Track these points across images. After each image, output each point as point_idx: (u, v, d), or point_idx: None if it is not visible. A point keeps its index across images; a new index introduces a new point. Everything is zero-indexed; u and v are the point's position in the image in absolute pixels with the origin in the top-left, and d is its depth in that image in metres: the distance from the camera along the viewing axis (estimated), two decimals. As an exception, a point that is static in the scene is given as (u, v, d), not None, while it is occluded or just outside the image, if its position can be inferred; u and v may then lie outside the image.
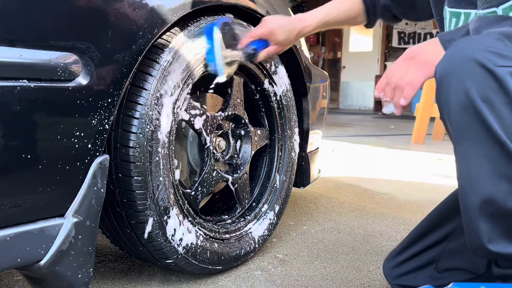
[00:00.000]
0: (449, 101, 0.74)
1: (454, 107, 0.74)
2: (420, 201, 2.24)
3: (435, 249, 1.09)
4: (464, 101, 0.72)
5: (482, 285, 0.78)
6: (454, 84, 0.73)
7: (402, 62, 0.87)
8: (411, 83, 0.84)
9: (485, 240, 0.75)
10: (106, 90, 0.90)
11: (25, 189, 0.81)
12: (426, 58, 0.82)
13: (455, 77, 0.73)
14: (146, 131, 1.03)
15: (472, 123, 0.72)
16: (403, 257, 1.12)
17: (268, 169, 1.51)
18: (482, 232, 0.75)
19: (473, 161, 0.74)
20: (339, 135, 5.42)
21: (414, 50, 0.87)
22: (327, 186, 2.54)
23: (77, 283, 0.91)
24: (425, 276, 1.09)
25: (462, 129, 0.74)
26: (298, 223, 1.82)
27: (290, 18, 1.26)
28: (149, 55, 1.05)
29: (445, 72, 0.75)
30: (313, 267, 1.37)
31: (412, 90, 0.85)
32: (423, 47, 0.86)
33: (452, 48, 0.76)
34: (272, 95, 1.46)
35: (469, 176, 0.75)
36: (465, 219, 0.78)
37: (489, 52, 0.71)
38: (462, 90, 0.72)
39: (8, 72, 0.76)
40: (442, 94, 0.76)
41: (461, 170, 0.77)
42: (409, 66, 0.86)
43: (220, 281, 1.26)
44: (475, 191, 0.74)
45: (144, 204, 1.05)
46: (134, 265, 1.35)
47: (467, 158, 0.75)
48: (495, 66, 0.70)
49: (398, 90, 0.86)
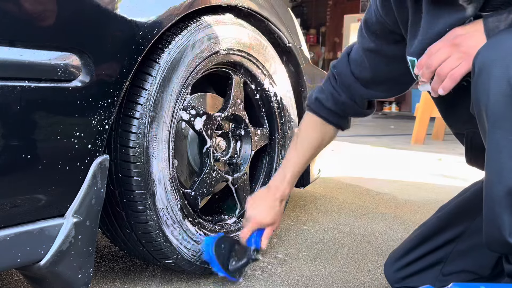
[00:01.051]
0: (489, 89, 0.72)
1: (494, 95, 0.72)
2: (420, 201, 2.23)
3: (443, 250, 1.07)
4: (505, 89, 0.71)
5: (482, 285, 0.78)
6: (496, 72, 0.71)
7: (445, 46, 0.82)
8: (452, 75, 0.81)
9: (506, 233, 0.73)
10: (106, 90, 0.90)
11: (25, 189, 0.81)
12: (471, 49, 0.78)
13: (498, 64, 0.71)
14: (146, 131, 1.03)
15: (510, 112, 0.71)
16: (407, 260, 1.10)
17: (268, 169, 1.51)
18: (504, 224, 0.73)
19: (505, 152, 0.72)
20: (339, 135, 5.39)
21: (460, 36, 0.81)
22: (327, 186, 2.54)
23: (77, 283, 0.91)
24: (430, 278, 1.07)
25: (499, 118, 0.72)
26: (298, 223, 1.82)
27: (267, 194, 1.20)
28: (149, 55, 1.05)
29: (488, 59, 0.73)
30: (313, 267, 1.37)
31: (452, 83, 0.81)
32: (469, 35, 0.81)
33: (496, 37, 0.74)
34: (272, 95, 1.46)
35: (498, 166, 0.74)
36: (487, 210, 0.76)
37: None
38: (505, 77, 0.71)
39: (8, 72, 0.76)
40: (481, 81, 0.74)
41: (491, 160, 0.75)
42: (451, 53, 0.81)
43: (220, 281, 1.26)
44: (502, 181, 0.73)
45: (144, 204, 1.05)
46: (134, 265, 1.35)
47: (500, 147, 0.73)
48: None
49: (438, 77, 0.83)
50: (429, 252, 1.09)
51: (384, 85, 1.11)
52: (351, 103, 1.13)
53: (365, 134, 5.73)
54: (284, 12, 1.55)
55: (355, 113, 1.17)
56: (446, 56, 0.81)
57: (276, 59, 1.45)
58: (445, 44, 0.82)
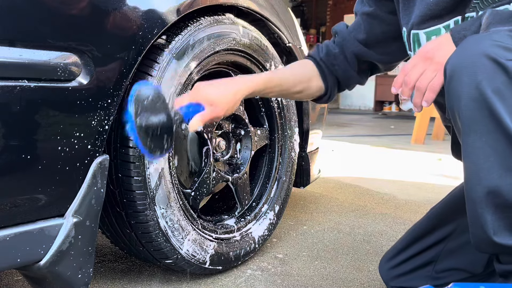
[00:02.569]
0: (460, 95, 0.75)
1: (465, 100, 0.74)
2: (420, 201, 2.23)
3: (434, 250, 1.10)
4: (475, 94, 0.73)
5: (481, 285, 0.78)
6: (465, 78, 0.74)
7: (419, 61, 0.86)
8: (432, 86, 0.84)
9: (490, 232, 0.75)
10: (106, 90, 0.90)
11: (25, 189, 0.81)
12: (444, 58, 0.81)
13: (466, 71, 0.74)
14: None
15: (482, 116, 0.73)
16: (400, 258, 1.12)
17: (268, 169, 1.51)
18: (487, 224, 0.75)
19: (481, 153, 0.74)
20: (339, 135, 5.41)
21: (431, 50, 0.85)
22: (327, 186, 2.54)
23: (77, 283, 0.91)
24: (423, 277, 1.09)
25: (471, 122, 0.74)
26: (298, 223, 1.82)
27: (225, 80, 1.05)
28: (149, 55, 1.05)
29: (456, 66, 0.75)
30: (313, 267, 1.37)
31: (433, 94, 0.85)
32: (438, 46, 0.85)
33: (463, 44, 0.77)
34: (272, 95, 1.46)
35: (476, 168, 0.75)
36: (470, 211, 0.78)
37: (500, 47, 0.72)
38: (473, 83, 0.73)
39: (8, 72, 0.76)
40: (452, 88, 0.76)
41: (468, 162, 0.77)
42: (426, 67, 0.85)
43: (220, 281, 1.26)
44: (481, 182, 0.74)
45: (144, 204, 1.05)
46: (134, 265, 1.35)
47: (475, 150, 0.75)
48: (506, 60, 0.71)
49: (418, 91, 0.86)
50: (421, 251, 1.10)
51: (376, 48, 1.15)
52: (341, 58, 1.16)
53: (365, 134, 5.73)
54: (284, 12, 1.55)
55: (344, 72, 1.17)
56: (422, 71, 0.85)
57: (276, 59, 1.45)
58: (419, 60, 0.86)
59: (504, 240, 0.75)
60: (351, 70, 1.17)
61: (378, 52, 1.15)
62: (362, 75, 1.19)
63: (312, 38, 11.86)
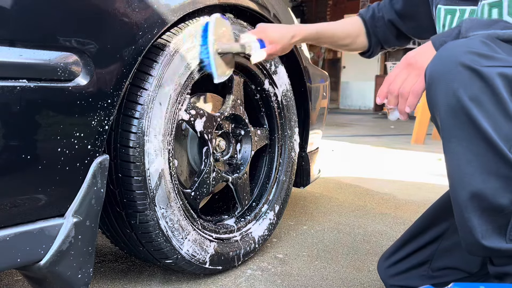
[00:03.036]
0: (438, 102, 0.77)
1: (444, 107, 0.76)
2: (420, 201, 2.24)
3: (429, 248, 1.10)
4: (452, 101, 0.75)
5: (481, 285, 0.78)
6: (442, 86, 0.76)
7: (401, 69, 0.90)
8: (414, 91, 0.87)
9: (478, 236, 0.76)
10: (106, 90, 0.90)
11: (25, 189, 0.81)
12: (425, 63, 0.84)
13: (443, 79, 0.76)
14: (146, 131, 1.03)
15: (461, 122, 0.75)
16: (397, 257, 1.13)
17: (268, 169, 1.51)
18: (475, 228, 0.76)
19: (463, 159, 0.76)
20: (339, 135, 5.41)
21: (413, 56, 0.89)
22: (327, 186, 2.54)
23: (77, 283, 0.91)
24: (419, 275, 1.10)
25: (451, 128, 0.76)
26: (298, 223, 1.82)
27: (284, 25, 1.27)
28: (149, 55, 1.05)
29: (434, 74, 0.78)
30: (313, 267, 1.37)
31: (415, 98, 0.87)
32: (420, 53, 0.89)
33: (440, 52, 0.79)
34: (272, 95, 1.46)
35: (459, 173, 0.77)
36: (457, 217, 0.79)
37: (474, 54, 0.74)
38: (450, 91, 0.75)
39: (8, 72, 0.76)
40: (431, 96, 0.79)
41: (451, 168, 0.79)
42: (408, 73, 0.88)
43: (220, 281, 1.26)
44: (465, 187, 0.76)
45: (144, 204, 1.05)
46: (134, 265, 1.35)
47: (457, 155, 0.77)
48: (480, 67, 0.73)
49: (402, 98, 0.89)
50: (417, 249, 1.11)
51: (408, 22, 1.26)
52: (382, 22, 1.28)
53: (365, 134, 5.73)
54: (284, 12, 1.55)
55: (383, 34, 1.29)
56: (405, 77, 0.89)
57: (276, 59, 1.45)
58: (401, 68, 0.90)
59: (493, 243, 0.76)
60: (389, 34, 1.28)
61: (409, 26, 1.25)
62: (401, 39, 1.30)
63: (312, 38, 11.85)
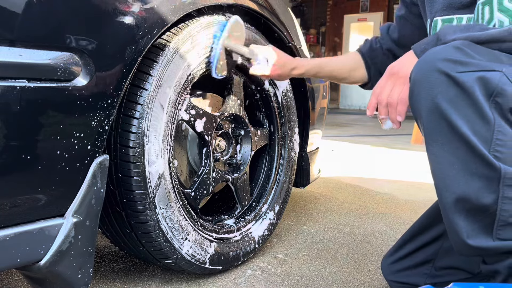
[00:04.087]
0: (420, 108, 0.80)
1: (425, 112, 0.79)
2: (420, 201, 2.23)
3: (432, 247, 1.11)
4: (432, 107, 0.78)
5: (481, 285, 0.79)
6: (423, 92, 0.80)
7: (386, 80, 0.94)
8: (401, 99, 0.91)
9: (464, 236, 0.78)
10: (106, 90, 0.89)
11: (25, 189, 0.81)
12: (408, 72, 0.87)
13: (423, 86, 0.80)
14: (146, 131, 1.03)
15: (441, 126, 0.78)
16: (400, 254, 1.14)
17: (268, 169, 1.51)
18: (460, 229, 0.78)
19: (445, 161, 0.79)
20: (339, 135, 5.41)
21: (396, 66, 0.93)
22: (327, 186, 2.54)
23: (77, 283, 0.91)
24: (422, 274, 1.11)
25: (433, 132, 0.79)
26: (298, 223, 1.82)
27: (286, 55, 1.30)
28: (149, 55, 1.05)
29: (416, 80, 0.81)
30: (313, 267, 1.37)
31: (404, 106, 0.91)
32: (403, 62, 0.93)
33: (421, 59, 0.83)
34: (272, 95, 1.46)
35: (442, 176, 0.80)
36: (444, 218, 0.81)
37: (450, 61, 0.77)
38: (429, 97, 0.78)
39: (8, 72, 0.76)
40: (414, 102, 0.82)
41: (435, 171, 0.81)
42: (394, 83, 0.92)
43: (220, 281, 1.26)
44: (449, 190, 0.78)
45: (144, 204, 1.05)
46: (134, 265, 1.35)
47: (439, 158, 0.80)
48: (456, 73, 0.76)
49: (391, 107, 0.92)
50: (420, 247, 1.12)
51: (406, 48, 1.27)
52: (380, 53, 1.33)
53: (365, 134, 5.73)
54: (284, 12, 1.55)
55: (382, 64, 1.31)
56: (391, 88, 0.93)
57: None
58: (386, 79, 0.94)
59: (480, 242, 0.78)
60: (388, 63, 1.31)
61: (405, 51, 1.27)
62: None
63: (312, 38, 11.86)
